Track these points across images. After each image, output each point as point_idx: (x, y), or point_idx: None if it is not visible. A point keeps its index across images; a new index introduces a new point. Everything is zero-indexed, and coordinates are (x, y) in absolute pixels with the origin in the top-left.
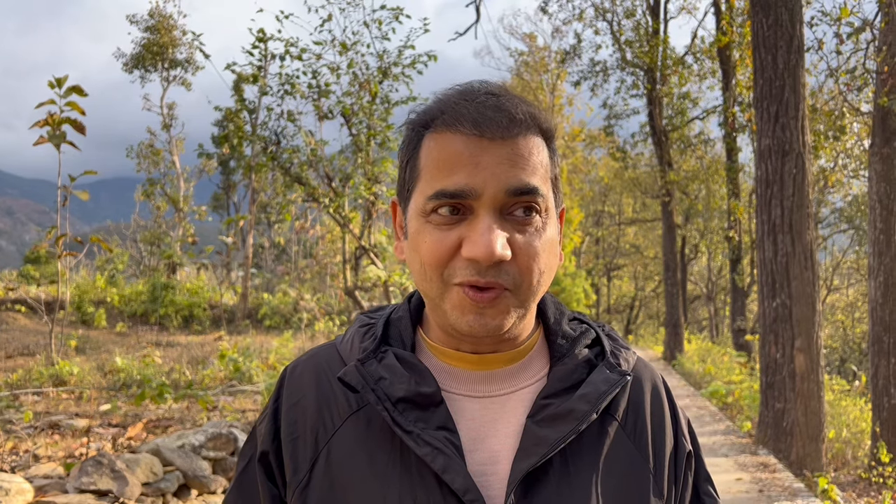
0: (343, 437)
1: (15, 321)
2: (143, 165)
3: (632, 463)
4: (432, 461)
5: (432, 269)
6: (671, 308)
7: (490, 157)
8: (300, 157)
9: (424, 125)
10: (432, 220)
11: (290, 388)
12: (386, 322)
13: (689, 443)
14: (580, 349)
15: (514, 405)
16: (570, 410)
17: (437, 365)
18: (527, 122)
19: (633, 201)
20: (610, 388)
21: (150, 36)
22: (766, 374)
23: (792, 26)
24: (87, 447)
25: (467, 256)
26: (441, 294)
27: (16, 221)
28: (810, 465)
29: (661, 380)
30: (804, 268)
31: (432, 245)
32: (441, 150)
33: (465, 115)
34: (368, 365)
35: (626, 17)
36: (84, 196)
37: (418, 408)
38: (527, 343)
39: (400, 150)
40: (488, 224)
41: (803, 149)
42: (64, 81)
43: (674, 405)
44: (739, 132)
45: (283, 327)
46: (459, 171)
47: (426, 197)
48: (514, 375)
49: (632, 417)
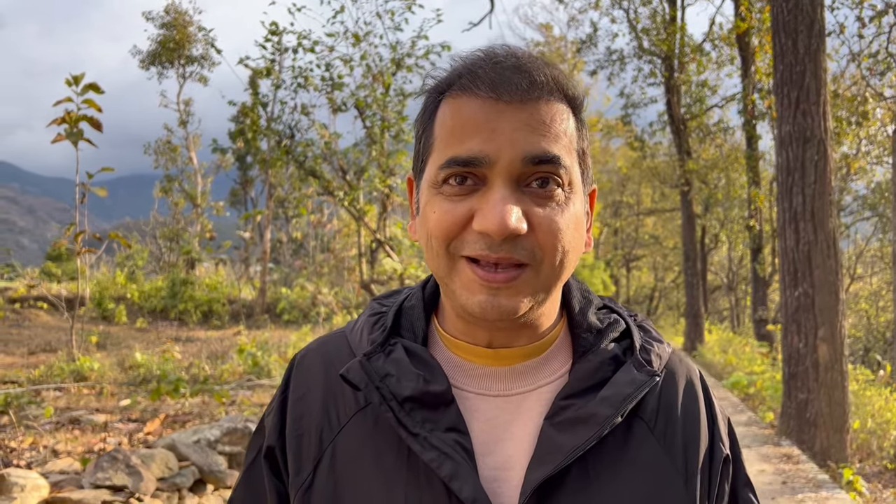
0: (349, 435)
1: (37, 318)
2: (161, 162)
3: (660, 468)
4: (438, 467)
5: (439, 241)
6: (691, 298)
7: (507, 121)
8: (314, 151)
9: (440, 90)
10: (443, 191)
11: (298, 379)
12: (398, 310)
13: (726, 446)
14: (606, 343)
15: (531, 405)
16: (590, 414)
17: (449, 359)
18: (549, 85)
19: (652, 191)
20: (635, 391)
21: (166, 32)
22: (789, 365)
23: (813, 10)
24: (104, 442)
25: (478, 229)
26: (449, 271)
27: (37, 219)
28: (835, 457)
29: (699, 376)
30: (826, 256)
31: (441, 216)
32: (456, 115)
33: (483, 77)
34: (375, 360)
35: (643, 5)
36: (102, 193)
37: (427, 407)
38: (548, 335)
39: (416, 121)
40: (502, 195)
41: (825, 135)
42: (81, 79)
43: (711, 404)
44: (759, 119)
45: (301, 321)
46: (473, 136)
47: (437, 166)
48: (532, 372)
49: (662, 419)
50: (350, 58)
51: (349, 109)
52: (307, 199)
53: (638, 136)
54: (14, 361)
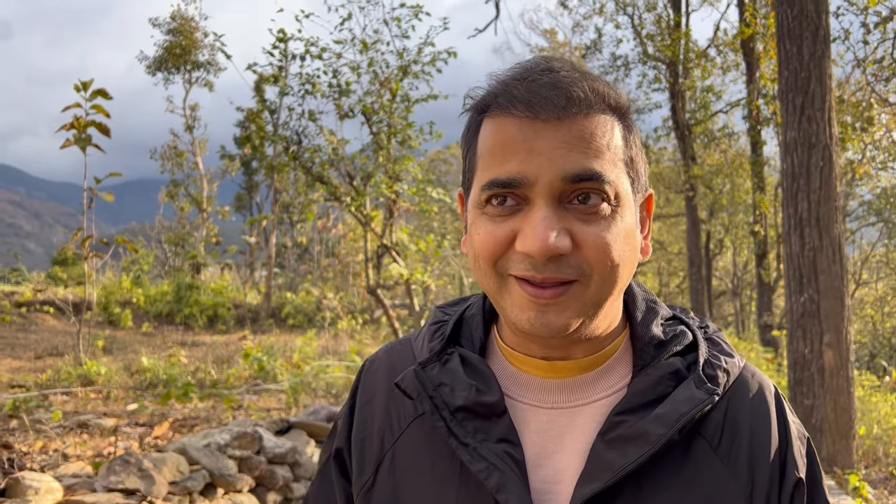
0: (408, 441)
1: (44, 322)
2: (167, 167)
3: (722, 490)
4: (486, 478)
5: (485, 262)
6: (696, 304)
7: (545, 140)
8: (321, 157)
9: (481, 110)
10: (487, 212)
11: (365, 385)
12: (458, 319)
13: (800, 468)
14: (668, 357)
15: (585, 419)
16: (642, 432)
17: (506, 369)
18: (589, 99)
19: (657, 196)
20: (691, 409)
21: (173, 38)
22: (794, 370)
23: (817, 16)
24: (114, 446)
25: (521, 251)
26: (499, 288)
27: (43, 224)
28: (841, 463)
29: (775, 392)
30: (832, 262)
31: (485, 237)
32: (495, 135)
33: (518, 97)
34: (430, 369)
35: (648, 11)
36: (109, 198)
37: (479, 417)
38: (608, 348)
39: (461, 139)
40: (543, 215)
41: (830, 141)
42: (89, 85)
43: (785, 422)
44: (764, 125)
45: (306, 326)
46: (512, 157)
47: (480, 186)
48: (589, 385)
49: (727, 437)
50: (357, 64)
51: (356, 115)
52: (313, 204)
53: (642, 142)
54: (21, 365)
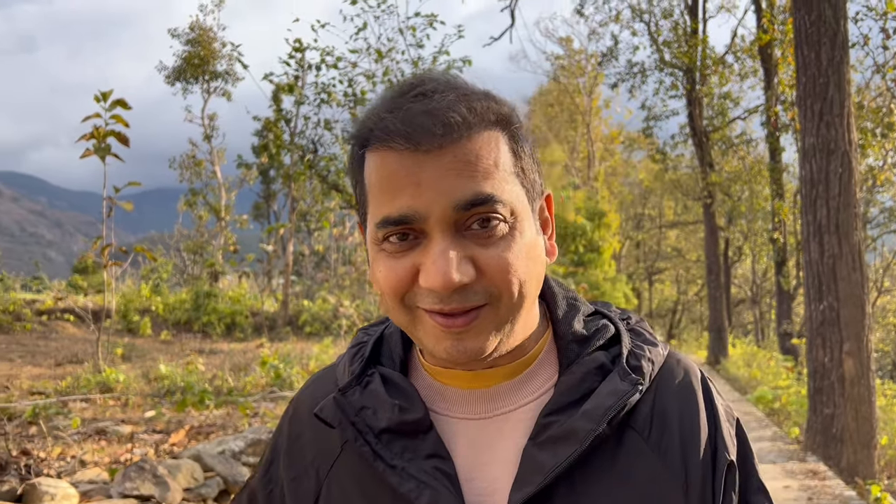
0: (341, 469)
1: (64, 330)
2: (186, 176)
3: (656, 480)
4: (417, 497)
5: (391, 299)
6: (714, 312)
7: (430, 171)
8: (337, 165)
9: (361, 144)
10: (385, 248)
11: (291, 426)
12: (378, 338)
13: (731, 451)
14: (592, 352)
15: (514, 425)
16: (571, 430)
17: (429, 384)
18: (468, 120)
19: (675, 204)
20: (617, 402)
21: (191, 49)
22: (814, 379)
23: (836, 22)
24: (131, 453)
25: (424, 286)
26: (411, 321)
27: (64, 233)
28: (862, 473)
29: (701, 376)
30: (852, 269)
31: (387, 273)
32: (379, 170)
33: (394, 129)
34: (350, 394)
35: (664, 18)
36: (128, 207)
37: (405, 436)
38: (532, 351)
39: (347, 172)
40: (441, 248)
41: (849, 147)
42: (109, 95)
43: (712, 406)
44: (782, 131)
45: (323, 334)
46: (400, 193)
47: (374, 224)
48: (515, 390)
49: (657, 427)
50: (373, 73)
51: None
52: (329, 213)
53: (660, 149)
54: (41, 372)
